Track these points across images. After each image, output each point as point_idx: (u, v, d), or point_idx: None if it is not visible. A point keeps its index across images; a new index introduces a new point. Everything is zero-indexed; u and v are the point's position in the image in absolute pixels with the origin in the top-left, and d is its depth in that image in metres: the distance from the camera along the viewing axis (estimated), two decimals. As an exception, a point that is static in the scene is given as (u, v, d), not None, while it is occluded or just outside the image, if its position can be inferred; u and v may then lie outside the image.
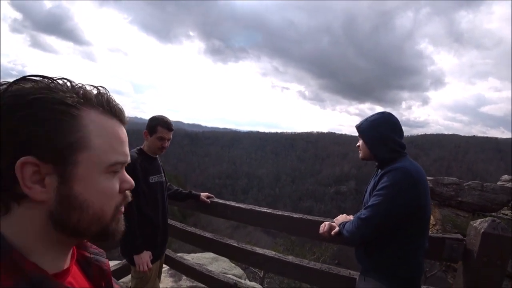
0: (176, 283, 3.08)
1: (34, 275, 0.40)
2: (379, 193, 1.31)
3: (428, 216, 1.37)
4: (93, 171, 0.45)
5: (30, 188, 0.41)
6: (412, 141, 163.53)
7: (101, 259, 0.60)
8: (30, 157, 0.40)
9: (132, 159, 1.94)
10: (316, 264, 1.90)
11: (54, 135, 0.41)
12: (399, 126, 1.46)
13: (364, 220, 1.33)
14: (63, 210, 0.43)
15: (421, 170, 1.35)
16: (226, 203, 2.33)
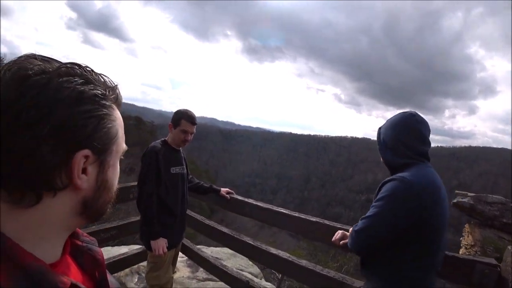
0: (192, 274, 3.14)
1: (32, 267, 0.38)
2: (375, 204, 1.22)
3: (437, 235, 1.19)
4: (116, 158, 0.51)
5: (81, 178, 0.43)
6: (454, 152, 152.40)
7: (93, 248, 0.58)
8: (87, 150, 0.43)
9: (155, 149, 2.02)
10: (330, 272, 1.83)
11: (104, 129, 0.45)
12: (420, 130, 1.27)
13: (357, 232, 1.25)
14: (99, 194, 0.48)
15: (432, 182, 1.19)
16: (244, 200, 2.33)
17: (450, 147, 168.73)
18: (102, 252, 0.60)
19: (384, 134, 1.35)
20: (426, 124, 1.30)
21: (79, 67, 0.45)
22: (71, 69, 0.43)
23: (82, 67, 0.45)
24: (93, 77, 0.46)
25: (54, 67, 0.42)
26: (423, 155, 1.27)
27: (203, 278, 3.07)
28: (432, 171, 1.24)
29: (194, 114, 2.11)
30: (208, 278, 3.05)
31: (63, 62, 0.44)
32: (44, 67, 0.41)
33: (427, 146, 1.29)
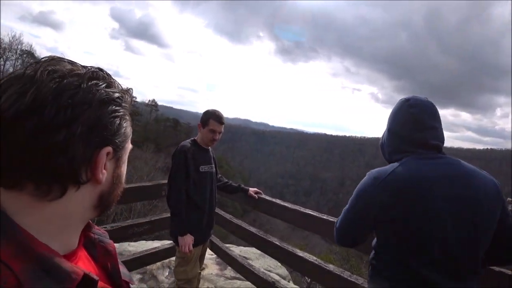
0: (221, 271, 3.19)
1: (46, 257, 0.40)
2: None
3: (421, 233, 1.00)
4: (126, 154, 0.54)
5: (103, 174, 0.47)
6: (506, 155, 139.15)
7: (105, 240, 0.60)
8: (110, 147, 0.47)
9: (185, 148, 2.08)
10: (358, 279, 1.75)
11: (123, 128, 0.50)
12: (414, 114, 1.10)
13: (336, 230, 1.22)
14: (114, 188, 0.52)
15: (412, 176, 1.01)
16: (272, 200, 2.32)
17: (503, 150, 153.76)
18: (115, 245, 0.62)
19: (383, 133, 1.24)
20: (423, 107, 1.11)
21: (101, 71, 0.49)
22: (96, 73, 0.48)
23: (103, 71, 0.50)
24: (112, 81, 0.51)
25: (82, 70, 0.46)
26: (420, 143, 1.09)
27: (230, 277, 3.11)
28: (424, 163, 1.05)
29: (222, 114, 2.15)
30: (235, 277, 3.08)
31: (88, 66, 0.48)
32: (74, 70, 0.45)
33: (427, 132, 1.09)
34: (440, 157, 1.07)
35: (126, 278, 0.60)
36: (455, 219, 0.98)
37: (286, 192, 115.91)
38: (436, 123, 1.11)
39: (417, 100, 1.13)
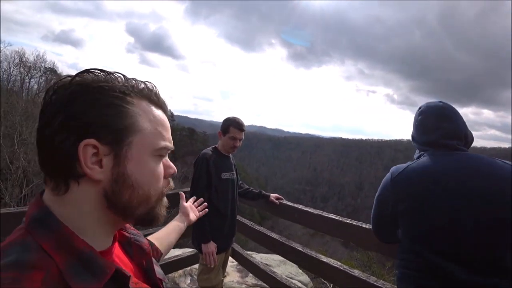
0: (242, 279, 3.18)
1: (84, 251, 0.43)
2: None
3: (437, 228, 1.03)
4: (144, 153, 0.49)
5: (91, 168, 0.45)
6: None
7: (140, 239, 0.63)
8: (91, 140, 0.44)
9: (206, 156, 2.12)
10: (386, 284, 1.70)
11: (113, 119, 0.46)
12: (422, 120, 1.24)
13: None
14: (117, 188, 0.47)
15: (421, 171, 1.10)
16: (294, 206, 2.30)
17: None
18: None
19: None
20: (430, 112, 1.23)
21: (103, 72, 0.49)
22: (87, 72, 0.48)
23: (107, 72, 0.49)
24: (115, 77, 0.49)
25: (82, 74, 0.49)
26: (430, 143, 1.20)
27: (252, 284, 3.10)
28: (428, 161, 1.12)
29: (242, 121, 2.18)
30: (257, 284, 3.07)
31: (89, 69, 0.50)
32: (69, 77, 0.47)
33: (432, 133, 1.19)
34: (453, 154, 1.12)
35: (160, 276, 0.63)
36: (466, 211, 0.99)
37: (303, 198, 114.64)
38: (447, 123, 1.18)
39: (428, 107, 1.25)
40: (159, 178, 0.53)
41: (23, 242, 0.42)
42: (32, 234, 0.43)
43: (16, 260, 0.39)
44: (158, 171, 0.52)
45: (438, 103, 1.24)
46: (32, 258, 0.40)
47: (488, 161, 1.06)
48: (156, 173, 0.52)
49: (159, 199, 0.54)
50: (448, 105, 1.22)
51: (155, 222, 0.54)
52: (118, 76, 0.50)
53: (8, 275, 0.37)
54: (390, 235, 1.25)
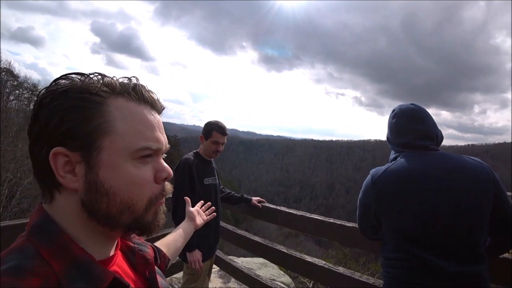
0: (225, 284, 3.15)
1: (82, 259, 0.43)
2: None
3: (417, 224, 1.10)
4: (118, 157, 0.45)
5: (64, 177, 0.43)
6: (487, 150, 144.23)
7: (144, 249, 0.61)
8: (60, 148, 0.42)
9: (188, 161, 2.08)
10: (370, 279, 1.77)
11: (78, 122, 0.43)
12: (396, 123, 1.30)
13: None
14: (92, 197, 0.44)
15: (398, 172, 1.16)
16: (277, 208, 2.32)
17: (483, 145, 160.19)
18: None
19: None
20: (405, 113, 1.30)
21: (76, 74, 0.47)
22: (65, 77, 0.47)
23: (78, 73, 0.47)
24: (87, 78, 0.47)
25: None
26: (404, 145, 1.26)
27: (236, 288, 3.08)
28: (406, 162, 1.18)
29: (224, 125, 2.16)
30: (241, 289, 3.05)
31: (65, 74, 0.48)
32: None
33: (406, 135, 1.26)
34: (427, 154, 1.19)
35: (163, 287, 0.61)
36: (443, 205, 1.08)
37: (276, 199, 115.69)
38: (419, 125, 1.25)
39: (400, 110, 1.32)
40: (143, 184, 0.47)
41: (23, 249, 0.42)
42: (32, 241, 0.42)
43: (15, 266, 0.38)
44: (141, 175, 0.47)
45: (410, 106, 1.31)
46: (31, 264, 0.39)
47: (458, 158, 1.17)
48: (138, 178, 0.46)
49: (148, 207, 0.48)
50: (420, 107, 1.29)
51: (147, 232, 0.50)
52: (95, 76, 0.47)
53: (6, 280, 0.37)
54: (375, 233, 1.32)
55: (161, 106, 0.53)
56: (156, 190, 0.49)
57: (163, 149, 0.51)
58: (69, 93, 0.43)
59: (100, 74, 0.47)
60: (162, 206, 0.52)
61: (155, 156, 0.50)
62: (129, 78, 0.50)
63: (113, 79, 0.48)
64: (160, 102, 0.53)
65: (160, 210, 0.51)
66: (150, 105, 0.51)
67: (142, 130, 0.47)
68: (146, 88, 0.51)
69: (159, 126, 0.51)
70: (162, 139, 0.51)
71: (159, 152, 0.51)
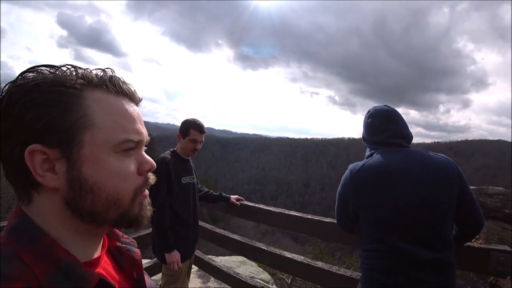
0: (204, 284, 3.12)
1: (66, 261, 0.41)
2: None
3: (393, 215, 1.18)
4: (100, 151, 0.43)
5: (42, 176, 0.41)
6: (451, 147, 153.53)
7: (132, 248, 0.59)
8: (36, 145, 0.40)
9: (166, 160, 2.03)
10: (347, 272, 1.84)
11: (55, 117, 0.40)
12: (371, 123, 1.39)
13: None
14: (76, 194, 0.43)
15: (373, 167, 1.24)
16: (256, 206, 2.34)
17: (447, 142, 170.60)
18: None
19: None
20: (377, 115, 1.39)
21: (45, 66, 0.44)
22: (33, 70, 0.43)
23: (47, 65, 0.44)
24: (59, 70, 0.44)
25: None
26: (378, 143, 1.36)
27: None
28: (382, 158, 1.26)
29: (202, 123, 2.13)
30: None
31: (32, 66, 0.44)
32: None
33: (380, 134, 1.35)
34: (400, 151, 1.29)
35: (152, 287, 0.60)
36: (415, 197, 1.17)
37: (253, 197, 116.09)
38: (392, 125, 1.35)
39: (375, 111, 1.41)
40: (127, 177, 0.46)
41: (1, 253, 0.39)
42: (11, 244, 0.40)
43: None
44: (125, 168, 0.46)
45: (384, 107, 1.41)
46: (10, 269, 0.37)
47: (427, 154, 1.27)
48: (122, 172, 0.45)
49: (134, 199, 0.48)
50: (392, 108, 1.40)
51: (136, 224, 0.49)
52: (68, 69, 0.45)
53: None
54: (353, 226, 1.39)
55: (139, 98, 0.52)
56: (140, 181, 0.49)
57: (145, 141, 0.51)
58: (42, 87, 0.41)
59: (73, 66, 0.45)
60: (147, 199, 0.51)
61: (137, 149, 0.49)
62: (103, 70, 0.48)
63: (87, 71, 0.46)
64: (137, 94, 0.52)
65: (145, 202, 0.51)
66: (129, 97, 0.49)
67: (122, 123, 0.46)
68: (122, 79, 0.50)
69: (139, 118, 0.50)
70: (143, 131, 0.50)
71: (141, 144, 0.50)
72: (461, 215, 1.22)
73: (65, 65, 0.45)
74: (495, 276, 1.44)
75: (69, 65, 0.45)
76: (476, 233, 1.29)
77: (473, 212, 1.23)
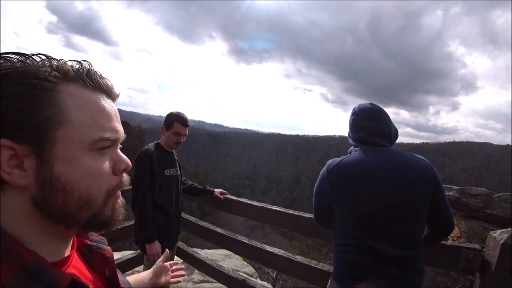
0: (188, 276, 3.14)
1: (33, 263, 0.39)
2: None
3: (364, 212, 1.22)
4: (74, 149, 0.41)
5: (9, 173, 0.38)
6: (439, 148, 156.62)
7: (103, 246, 0.58)
8: (4, 140, 0.37)
9: (149, 152, 2.03)
10: (325, 266, 1.87)
11: (26, 111, 0.38)
12: (355, 120, 1.41)
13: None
14: (46, 194, 0.40)
15: (351, 163, 1.28)
16: (238, 200, 2.36)
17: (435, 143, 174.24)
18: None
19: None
20: (361, 113, 1.40)
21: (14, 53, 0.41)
22: (5, 59, 0.40)
23: (16, 52, 0.41)
24: (27, 59, 0.41)
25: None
26: (358, 140, 1.38)
27: (198, 280, 3.08)
28: (358, 156, 1.30)
29: (186, 116, 2.13)
30: (203, 280, 3.06)
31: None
32: None
33: (361, 131, 1.37)
34: (379, 149, 1.31)
35: (125, 285, 0.60)
36: (388, 196, 1.20)
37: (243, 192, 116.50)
38: (372, 123, 1.36)
39: (359, 108, 1.42)
40: (102, 176, 0.45)
41: None
42: None
43: None
44: (100, 168, 0.44)
45: (367, 105, 1.41)
46: None
47: (404, 155, 1.29)
48: (96, 171, 0.44)
49: (107, 200, 0.46)
50: (376, 106, 1.40)
51: (106, 227, 0.47)
52: (41, 59, 0.42)
53: None
54: (329, 220, 1.42)
55: (116, 94, 0.50)
56: (114, 182, 0.47)
57: (121, 139, 0.49)
58: (12, 77, 0.38)
59: (46, 56, 0.42)
60: (120, 200, 0.50)
61: (113, 147, 0.48)
62: (79, 62, 0.45)
63: (61, 62, 0.43)
64: (114, 89, 0.50)
65: (118, 204, 0.49)
66: (106, 93, 0.47)
67: (99, 120, 0.44)
68: (100, 74, 0.47)
69: (116, 115, 0.48)
70: (120, 128, 0.48)
71: (117, 142, 0.48)
72: (433, 216, 1.25)
73: (38, 54, 0.42)
74: (464, 273, 1.50)
75: (43, 55, 0.42)
76: (446, 235, 1.32)
77: (445, 214, 1.26)
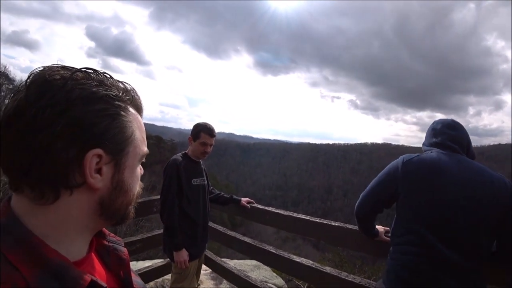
0: (216, 286, 3.13)
1: (56, 262, 0.41)
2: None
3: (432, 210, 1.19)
4: (135, 160, 0.52)
5: (94, 178, 0.44)
6: (482, 152, 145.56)
7: (119, 247, 0.60)
8: (99, 149, 0.43)
9: (176, 162, 2.09)
10: (356, 278, 1.78)
11: (119, 130, 0.47)
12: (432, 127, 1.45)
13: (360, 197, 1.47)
14: (116, 195, 0.48)
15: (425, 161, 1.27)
16: (265, 209, 2.34)
17: (478, 146, 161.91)
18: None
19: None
20: (442, 121, 1.44)
21: (94, 71, 0.47)
22: (86, 73, 0.46)
23: (97, 71, 0.47)
24: (108, 80, 0.48)
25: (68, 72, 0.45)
26: (437, 144, 1.37)
27: (227, 290, 3.06)
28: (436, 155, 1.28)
29: (212, 127, 2.18)
30: (232, 290, 3.04)
31: (80, 68, 0.46)
32: (62, 73, 0.44)
33: (442, 135, 1.38)
34: (455, 155, 1.30)
35: (139, 286, 0.60)
36: (462, 205, 1.16)
37: (274, 203, 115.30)
38: (452, 131, 1.38)
39: (439, 120, 1.48)
40: (139, 180, 0.56)
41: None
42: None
43: None
44: (139, 173, 0.55)
45: (449, 119, 1.45)
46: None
47: (482, 166, 1.25)
48: (139, 176, 0.55)
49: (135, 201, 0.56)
50: (458, 122, 1.43)
51: (127, 219, 0.55)
52: (109, 77, 0.49)
53: None
54: (372, 217, 1.47)
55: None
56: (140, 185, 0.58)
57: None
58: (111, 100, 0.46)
59: (110, 76, 0.50)
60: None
61: None
62: (123, 83, 0.52)
63: (126, 88, 0.51)
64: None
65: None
66: (141, 112, 0.55)
67: (144, 138, 0.54)
68: (138, 95, 0.55)
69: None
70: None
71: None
72: (501, 237, 1.18)
73: (104, 72, 0.49)
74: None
75: (106, 73, 0.49)
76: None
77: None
